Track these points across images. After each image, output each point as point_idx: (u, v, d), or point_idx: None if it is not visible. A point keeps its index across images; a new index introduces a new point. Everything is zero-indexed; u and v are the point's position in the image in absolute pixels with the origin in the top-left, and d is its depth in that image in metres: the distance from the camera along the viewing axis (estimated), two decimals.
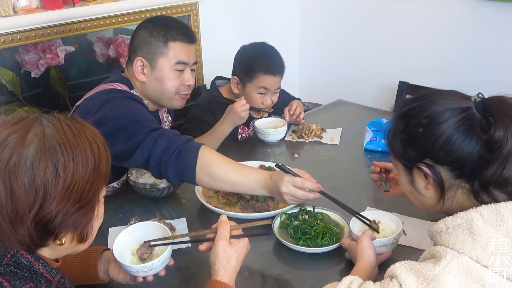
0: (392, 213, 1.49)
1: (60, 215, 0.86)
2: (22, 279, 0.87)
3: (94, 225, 0.98)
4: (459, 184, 1.03)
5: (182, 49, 1.72)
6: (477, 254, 0.93)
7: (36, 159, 0.83)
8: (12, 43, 2.06)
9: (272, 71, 2.09)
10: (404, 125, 1.07)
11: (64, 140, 0.86)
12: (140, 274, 1.17)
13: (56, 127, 0.88)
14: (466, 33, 2.82)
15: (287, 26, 3.56)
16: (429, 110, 1.02)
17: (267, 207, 1.55)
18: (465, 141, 0.98)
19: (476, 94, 1.03)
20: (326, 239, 1.40)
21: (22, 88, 2.20)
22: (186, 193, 1.71)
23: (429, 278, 0.93)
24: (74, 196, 0.87)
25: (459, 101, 1.01)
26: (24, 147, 0.83)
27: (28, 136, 0.84)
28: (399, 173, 1.14)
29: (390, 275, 1.01)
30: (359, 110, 2.50)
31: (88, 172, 0.89)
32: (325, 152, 2.04)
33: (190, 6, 2.76)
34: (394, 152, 1.11)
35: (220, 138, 2.05)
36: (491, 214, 0.96)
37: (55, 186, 0.84)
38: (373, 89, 3.27)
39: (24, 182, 0.82)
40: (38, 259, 0.91)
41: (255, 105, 2.14)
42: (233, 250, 1.13)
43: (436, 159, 1.02)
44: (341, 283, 1.09)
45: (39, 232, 0.86)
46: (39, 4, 2.14)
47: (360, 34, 3.30)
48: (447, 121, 0.99)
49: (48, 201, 0.84)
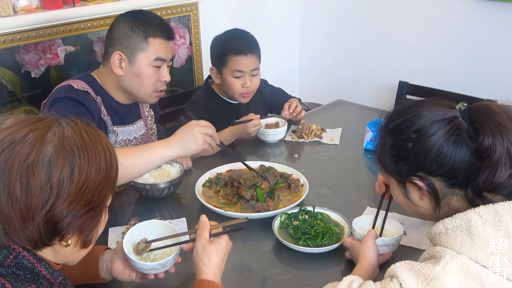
0: (392, 213, 1.49)
1: (70, 216, 0.87)
2: (24, 281, 0.87)
3: (98, 231, 0.99)
4: (453, 192, 1.04)
5: (162, 45, 1.71)
6: (476, 254, 0.94)
7: (55, 158, 0.85)
8: (12, 43, 2.06)
9: (243, 51, 2.06)
10: (393, 141, 1.07)
11: (81, 143, 0.89)
12: (153, 271, 1.18)
13: (74, 130, 0.90)
14: (466, 33, 2.82)
15: (287, 26, 3.56)
16: (416, 124, 1.03)
17: (267, 207, 1.55)
18: (455, 151, 0.99)
19: (460, 103, 1.04)
20: (326, 239, 1.40)
21: (22, 88, 2.20)
22: (186, 193, 1.71)
23: (429, 278, 0.94)
24: (85, 198, 0.88)
25: (444, 110, 1.02)
26: (44, 145, 0.85)
27: (48, 135, 0.87)
28: (392, 186, 1.14)
29: (390, 274, 1.02)
30: (359, 110, 2.50)
31: (100, 176, 0.91)
32: (325, 152, 2.04)
33: (190, 6, 2.76)
34: (385, 167, 1.11)
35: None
36: (489, 215, 0.96)
37: (69, 186, 0.86)
38: (373, 89, 3.27)
39: (41, 179, 0.84)
40: (40, 261, 0.91)
41: (236, 90, 2.11)
42: (213, 247, 1.13)
43: (429, 172, 1.03)
44: (342, 282, 1.09)
45: (47, 230, 0.87)
46: (39, 4, 2.14)
47: (360, 34, 3.30)
48: (435, 134, 1.00)
49: (61, 200, 0.85)
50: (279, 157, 2.04)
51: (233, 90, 2.11)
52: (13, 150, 0.84)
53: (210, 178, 1.75)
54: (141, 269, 1.18)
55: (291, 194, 1.65)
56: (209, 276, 1.10)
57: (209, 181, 1.73)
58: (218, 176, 1.74)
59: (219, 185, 1.69)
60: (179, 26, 2.73)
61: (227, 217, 1.53)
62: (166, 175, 1.68)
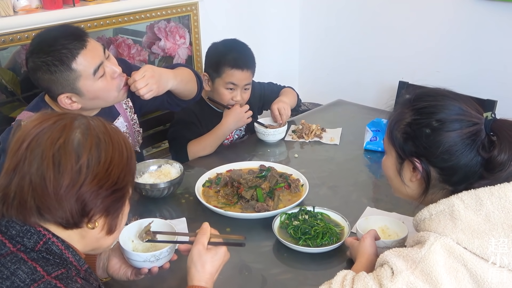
0: (392, 213, 1.49)
1: (98, 196, 0.91)
2: (54, 265, 0.90)
3: (122, 220, 1.02)
4: (443, 187, 1.09)
5: (86, 59, 1.49)
6: (457, 237, 0.99)
7: (84, 139, 0.91)
8: (12, 43, 2.06)
9: (240, 66, 2.05)
10: (412, 119, 1.09)
11: (104, 132, 0.95)
12: (146, 264, 1.18)
13: (97, 121, 0.97)
14: (466, 33, 2.82)
15: (287, 26, 3.56)
16: (442, 114, 1.05)
17: (267, 207, 1.55)
18: (464, 153, 1.03)
19: (489, 112, 1.07)
20: (326, 239, 1.40)
21: (22, 88, 2.20)
22: (186, 193, 1.71)
23: (417, 260, 0.99)
24: (111, 179, 0.92)
25: (471, 112, 1.05)
26: (72, 130, 0.91)
27: (75, 123, 0.93)
28: (388, 157, 1.17)
29: (381, 263, 1.06)
30: (359, 110, 2.50)
31: (123, 162, 0.96)
32: (325, 152, 2.04)
33: (190, 6, 2.76)
34: (392, 139, 1.13)
35: (221, 139, 2.05)
36: (471, 199, 1.01)
37: (97, 166, 0.90)
38: (373, 89, 3.27)
39: (72, 159, 0.88)
40: (68, 248, 0.94)
41: (224, 101, 2.10)
42: (209, 255, 1.13)
43: (431, 161, 1.07)
44: (336, 277, 1.11)
45: (78, 210, 0.90)
46: (39, 4, 2.14)
47: (360, 34, 3.30)
48: (455, 131, 1.03)
49: (89, 179, 0.90)
50: (279, 157, 2.04)
51: (222, 100, 2.11)
52: (44, 134, 0.89)
53: (210, 178, 1.75)
54: (135, 261, 1.17)
55: (291, 194, 1.65)
56: (201, 283, 1.10)
57: (209, 181, 1.73)
58: (218, 176, 1.74)
59: (219, 185, 1.69)
60: (179, 26, 2.73)
61: (227, 217, 1.54)
62: (166, 175, 1.68)
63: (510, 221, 0.98)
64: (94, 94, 1.55)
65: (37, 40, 1.52)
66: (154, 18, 2.60)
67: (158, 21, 2.64)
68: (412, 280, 0.97)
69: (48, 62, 1.46)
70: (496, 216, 0.98)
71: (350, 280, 1.07)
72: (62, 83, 1.49)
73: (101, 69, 1.54)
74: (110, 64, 1.58)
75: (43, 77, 1.49)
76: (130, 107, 1.90)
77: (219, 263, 1.14)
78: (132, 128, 1.90)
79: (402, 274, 0.98)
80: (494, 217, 0.98)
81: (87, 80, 1.51)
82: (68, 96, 1.53)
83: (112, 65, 1.58)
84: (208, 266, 1.11)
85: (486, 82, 2.74)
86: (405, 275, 0.98)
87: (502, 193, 0.99)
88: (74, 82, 1.50)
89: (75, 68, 1.48)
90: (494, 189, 1.00)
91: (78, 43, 1.49)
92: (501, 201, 0.99)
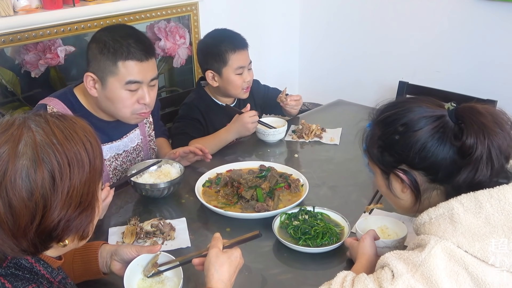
0: (392, 213, 1.49)
1: (62, 222, 0.85)
2: (23, 280, 0.87)
3: (94, 223, 0.98)
4: (434, 187, 1.09)
5: (135, 67, 1.58)
6: (458, 240, 0.98)
7: (32, 171, 0.81)
8: (12, 43, 2.06)
9: (240, 46, 2.09)
10: (381, 132, 1.12)
11: (56, 145, 0.84)
12: None
13: (46, 132, 0.85)
14: (466, 33, 2.82)
15: (287, 26, 3.56)
16: (405, 118, 1.07)
17: (267, 207, 1.55)
18: (439, 147, 1.04)
19: (449, 103, 1.09)
20: (326, 239, 1.40)
21: (22, 88, 2.20)
22: (186, 193, 1.71)
23: (417, 264, 0.98)
24: (74, 201, 0.86)
25: (434, 108, 1.07)
26: (18, 160, 0.81)
27: (20, 147, 0.82)
28: (377, 176, 1.19)
29: (381, 265, 1.05)
30: (359, 110, 2.49)
31: (85, 173, 0.87)
32: (325, 152, 2.04)
33: (190, 6, 2.76)
34: (371, 157, 1.16)
35: (222, 144, 2.05)
36: (470, 202, 1.00)
37: (55, 195, 0.83)
38: (373, 89, 3.27)
39: (23, 196, 0.80)
40: (39, 260, 0.91)
41: (238, 87, 2.12)
42: (226, 256, 1.13)
43: (412, 165, 1.08)
44: (336, 278, 1.11)
45: (42, 240, 0.86)
46: (39, 4, 2.14)
47: (360, 34, 3.30)
48: (422, 129, 1.04)
49: (50, 211, 0.83)
50: (279, 157, 2.04)
51: (236, 87, 2.11)
52: None
53: (210, 178, 1.75)
54: None
55: (291, 194, 1.65)
56: (219, 284, 1.09)
57: (209, 181, 1.73)
58: (218, 176, 1.74)
59: (219, 185, 1.69)
60: (179, 26, 2.73)
61: (227, 217, 1.54)
62: (166, 175, 1.68)
63: (510, 223, 0.97)
64: (111, 96, 1.61)
65: (121, 26, 1.71)
66: (154, 18, 2.60)
67: (158, 21, 2.64)
68: (412, 283, 0.97)
69: (107, 43, 1.57)
70: (496, 218, 0.98)
71: (350, 281, 1.07)
72: (100, 66, 1.58)
73: (135, 85, 1.61)
74: (147, 91, 1.64)
75: (93, 50, 1.59)
76: (150, 123, 1.92)
77: (235, 264, 1.14)
78: (147, 144, 1.91)
79: (402, 277, 0.98)
80: (494, 219, 0.98)
81: (117, 82, 1.59)
82: (94, 79, 1.60)
83: (148, 93, 1.64)
84: (226, 265, 1.11)
85: (486, 82, 2.74)
86: (405, 278, 0.98)
87: (501, 195, 0.99)
88: (107, 74, 1.58)
89: (118, 66, 1.57)
90: (493, 191, 1.00)
91: (141, 53, 1.58)
92: (501, 203, 0.98)
